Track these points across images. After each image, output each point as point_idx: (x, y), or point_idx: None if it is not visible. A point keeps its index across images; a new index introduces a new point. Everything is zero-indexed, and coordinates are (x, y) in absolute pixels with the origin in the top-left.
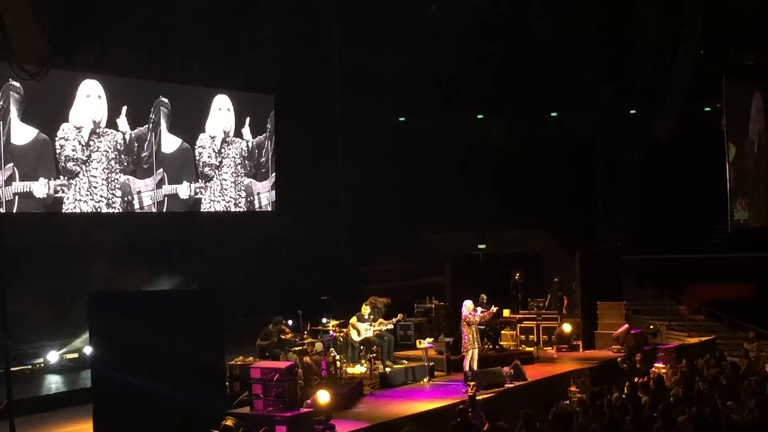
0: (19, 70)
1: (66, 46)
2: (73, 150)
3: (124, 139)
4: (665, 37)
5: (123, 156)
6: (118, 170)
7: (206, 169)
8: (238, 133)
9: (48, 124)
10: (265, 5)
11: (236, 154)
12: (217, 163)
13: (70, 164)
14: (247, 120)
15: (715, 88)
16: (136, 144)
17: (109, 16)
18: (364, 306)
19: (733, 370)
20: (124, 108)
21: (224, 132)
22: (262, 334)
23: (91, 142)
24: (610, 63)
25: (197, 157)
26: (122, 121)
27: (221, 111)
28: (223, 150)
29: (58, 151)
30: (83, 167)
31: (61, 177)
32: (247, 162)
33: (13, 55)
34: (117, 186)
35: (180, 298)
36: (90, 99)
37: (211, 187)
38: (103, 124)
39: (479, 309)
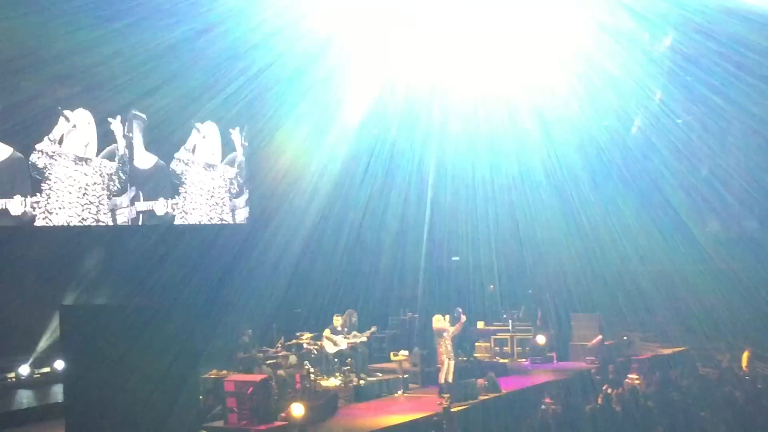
0: None
1: None
2: (46, 167)
3: (96, 155)
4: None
5: (96, 173)
6: (92, 187)
7: (180, 185)
8: (213, 150)
9: (24, 142)
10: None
11: (211, 170)
12: (191, 180)
13: (43, 181)
14: (218, 133)
15: None
16: (109, 161)
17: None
18: (335, 318)
19: (702, 383)
20: (95, 124)
21: (199, 149)
22: (239, 347)
23: (64, 160)
24: None
25: (172, 174)
26: (95, 138)
27: (195, 130)
28: (196, 166)
29: (32, 168)
30: (57, 184)
31: (37, 195)
32: (221, 178)
33: None
34: (92, 202)
35: (153, 312)
36: (64, 120)
37: (186, 204)
38: (78, 141)
39: (447, 318)
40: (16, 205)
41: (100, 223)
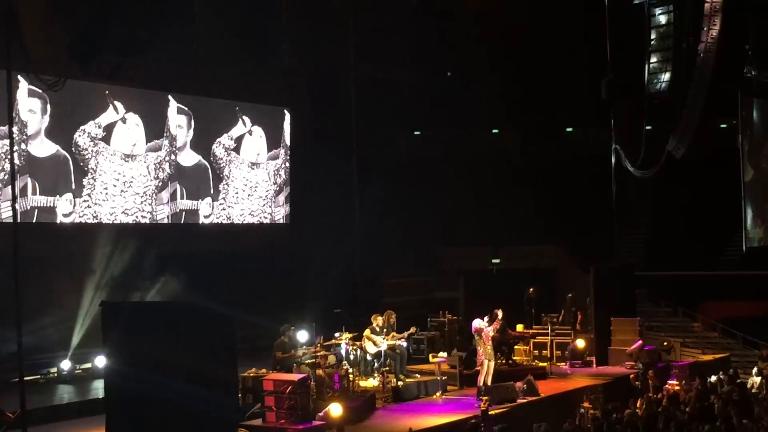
0: (36, 80)
1: (83, 57)
2: (90, 164)
3: (141, 153)
4: (681, 53)
5: (143, 166)
6: (138, 179)
7: (221, 176)
8: (254, 148)
9: (69, 139)
10: (281, 18)
11: (252, 169)
12: (233, 176)
13: (87, 177)
14: (263, 134)
15: (731, 105)
16: (151, 158)
17: (126, 26)
18: (374, 318)
19: (742, 390)
20: (142, 122)
21: (241, 146)
22: (278, 347)
23: (112, 155)
24: (626, 79)
25: (213, 172)
26: (143, 138)
27: (239, 125)
28: (238, 164)
29: (74, 147)
30: (101, 176)
31: (82, 190)
32: (262, 176)
33: (31, 65)
34: (137, 192)
35: (193, 309)
36: (113, 109)
37: (227, 202)
38: (126, 140)
39: (486, 320)
40: (64, 204)
41: (142, 219)
